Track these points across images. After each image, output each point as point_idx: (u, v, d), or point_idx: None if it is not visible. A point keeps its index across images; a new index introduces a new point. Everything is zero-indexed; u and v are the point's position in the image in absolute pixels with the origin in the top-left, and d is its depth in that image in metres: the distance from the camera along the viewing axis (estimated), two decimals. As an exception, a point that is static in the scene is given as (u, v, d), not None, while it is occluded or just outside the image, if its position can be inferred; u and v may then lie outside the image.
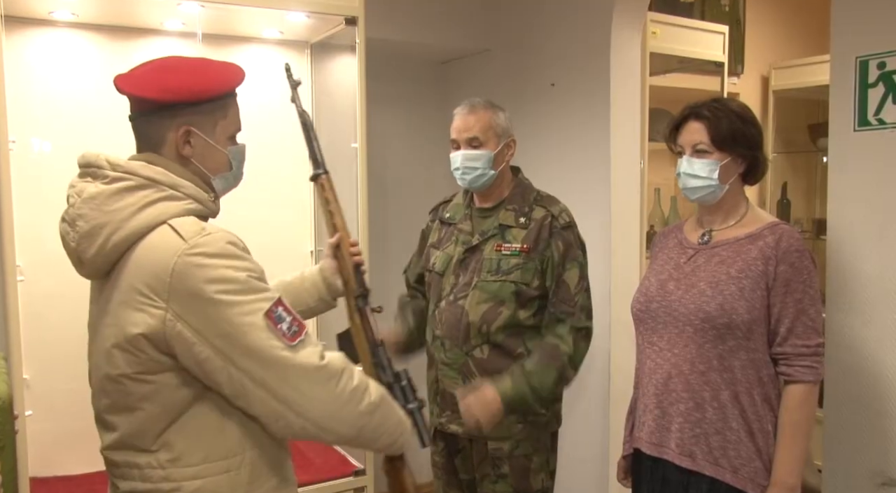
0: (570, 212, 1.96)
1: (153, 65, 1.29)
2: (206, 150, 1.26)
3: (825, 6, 1.96)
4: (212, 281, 1.11)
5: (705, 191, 1.64)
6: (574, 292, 1.89)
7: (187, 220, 1.17)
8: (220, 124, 1.27)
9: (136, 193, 1.17)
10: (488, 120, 1.92)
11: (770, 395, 1.60)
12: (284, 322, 1.15)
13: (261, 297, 1.14)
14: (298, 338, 1.16)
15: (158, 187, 1.18)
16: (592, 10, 2.68)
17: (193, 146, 1.24)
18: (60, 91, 2.24)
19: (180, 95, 1.22)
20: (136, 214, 1.15)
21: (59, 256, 2.26)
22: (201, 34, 2.26)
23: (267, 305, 1.14)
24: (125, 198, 1.16)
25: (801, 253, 1.57)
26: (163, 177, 1.19)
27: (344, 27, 2.29)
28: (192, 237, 1.13)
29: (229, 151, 1.29)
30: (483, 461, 1.94)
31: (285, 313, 1.16)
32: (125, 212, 1.15)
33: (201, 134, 1.24)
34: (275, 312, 1.14)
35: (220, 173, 1.29)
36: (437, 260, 2.01)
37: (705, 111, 1.63)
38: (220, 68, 1.30)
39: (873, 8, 1.81)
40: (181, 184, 1.21)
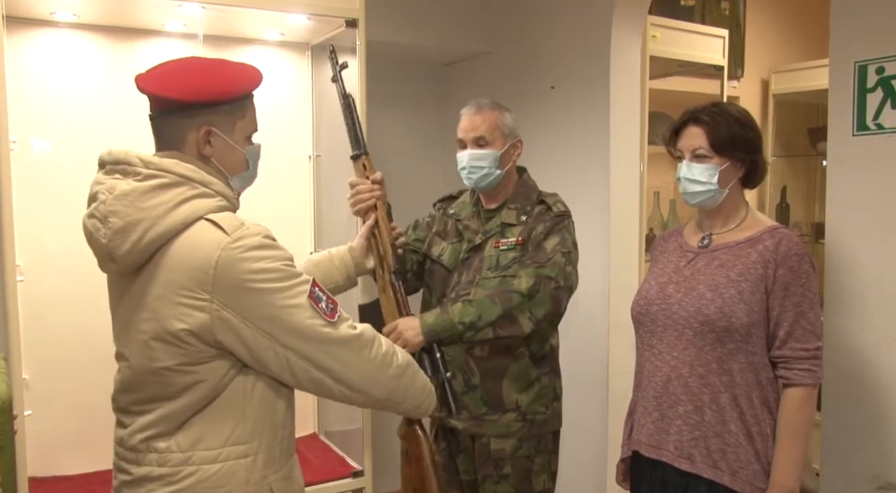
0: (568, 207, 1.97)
1: (174, 65, 1.31)
2: (225, 149, 1.29)
3: (825, 11, 1.97)
4: (254, 272, 1.17)
5: (705, 195, 1.65)
6: (550, 253, 1.83)
7: (225, 215, 1.22)
8: (238, 125, 1.31)
9: (171, 191, 1.20)
10: (495, 120, 1.93)
11: (769, 398, 1.60)
12: (322, 301, 1.24)
13: (299, 281, 1.23)
14: (336, 314, 1.25)
15: (192, 185, 1.22)
16: (593, 13, 2.68)
17: (213, 146, 1.28)
18: (61, 92, 2.24)
19: (202, 96, 1.26)
20: (173, 211, 1.19)
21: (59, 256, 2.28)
22: (202, 36, 2.26)
23: (306, 287, 1.22)
24: (160, 195, 1.19)
25: (800, 257, 1.58)
26: (195, 174, 1.23)
27: (345, 29, 2.29)
28: (234, 231, 1.19)
29: (247, 150, 1.33)
30: (485, 462, 1.94)
31: (321, 292, 1.25)
32: (161, 209, 1.18)
33: (221, 134, 1.28)
34: (314, 293, 1.23)
35: (237, 173, 1.33)
36: (446, 253, 2.01)
37: (704, 116, 1.63)
38: (239, 70, 1.33)
39: (872, 13, 1.81)
40: (211, 181, 1.25)
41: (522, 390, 1.92)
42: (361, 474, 2.34)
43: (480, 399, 1.92)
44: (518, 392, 1.91)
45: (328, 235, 2.59)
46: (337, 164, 2.49)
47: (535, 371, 1.93)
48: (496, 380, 1.91)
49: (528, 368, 1.92)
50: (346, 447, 2.48)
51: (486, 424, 1.92)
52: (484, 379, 1.91)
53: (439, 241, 2.04)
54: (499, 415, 1.92)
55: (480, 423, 1.93)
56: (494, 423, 1.92)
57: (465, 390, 1.92)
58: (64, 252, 2.21)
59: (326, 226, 2.60)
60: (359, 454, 2.36)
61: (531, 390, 1.92)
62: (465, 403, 1.92)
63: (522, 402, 1.92)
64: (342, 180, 2.43)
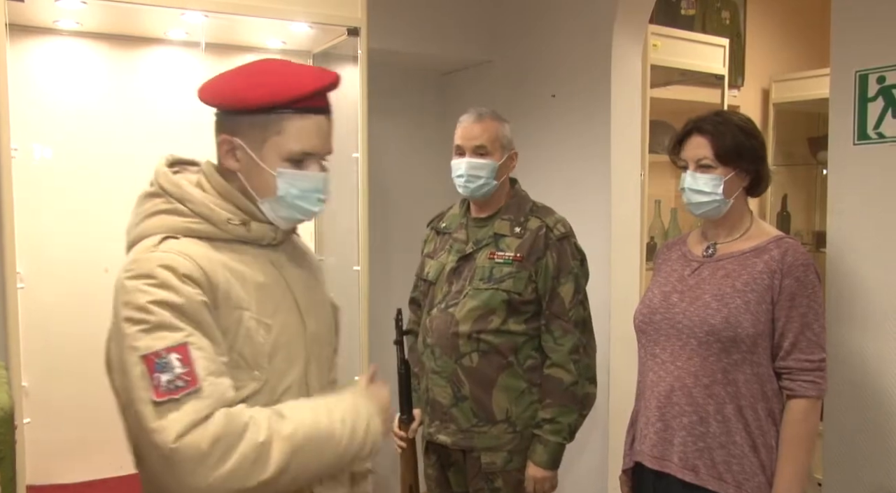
0: (567, 222, 1.96)
1: (244, 66, 1.22)
2: (251, 167, 1.15)
3: (825, 20, 1.97)
4: (124, 303, 1.03)
5: (710, 206, 1.64)
6: (569, 307, 1.89)
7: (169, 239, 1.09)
8: (271, 141, 1.13)
9: (151, 201, 1.15)
10: (495, 130, 1.93)
11: (774, 409, 1.59)
12: (173, 370, 0.98)
13: (158, 336, 1.00)
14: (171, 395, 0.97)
15: (167, 198, 1.13)
16: (593, 22, 2.69)
17: (239, 160, 1.15)
18: (63, 99, 2.25)
19: (219, 101, 1.16)
20: (141, 223, 1.13)
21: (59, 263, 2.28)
22: (204, 44, 2.27)
23: (158, 345, 0.99)
24: (144, 203, 1.15)
25: (806, 267, 1.57)
26: (173, 188, 1.13)
27: (346, 38, 2.30)
28: (139, 254, 1.08)
29: (279, 173, 1.14)
30: (476, 476, 1.93)
31: (179, 362, 0.99)
32: (137, 218, 1.15)
33: (247, 149, 1.14)
34: (160, 358, 0.98)
35: (266, 197, 1.15)
36: (431, 269, 2.01)
37: (708, 125, 1.63)
38: (284, 76, 1.16)
39: (873, 22, 1.82)
40: (192, 199, 1.12)
41: (513, 401, 1.91)
42: (361, 483, 2.32)
43: (470, 410, 1.91)
44: (509, 403, 1.90)
45: (329, 243, 2.59)
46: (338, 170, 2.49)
47: (525, 382, 1.92)
48: (486, 390, 1.90)
49: (518, 378, 1.91)
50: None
51: (476, 436, 1.91)
52: (474, 389, 1.90)
53: (429, 261, 2.05)
54: (489, 427, 1.90)
55: (470, 436, 1.91)
56: (484, 435, 1.91)
57: (455, 401, 1.91)
58: (64, 259, 2.21)
59: (327, 233, 2.60)
60: (359, 462, 2.35)
61: (522, 400, 1.91)
62: (454, 415, 1.92)
63: (513, 413, 1.91)
64: (343, 188, 2.43)
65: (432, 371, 1.94)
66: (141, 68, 2.35)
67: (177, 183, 1.13)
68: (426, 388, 1.98)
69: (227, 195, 1.15)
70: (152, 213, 1.12)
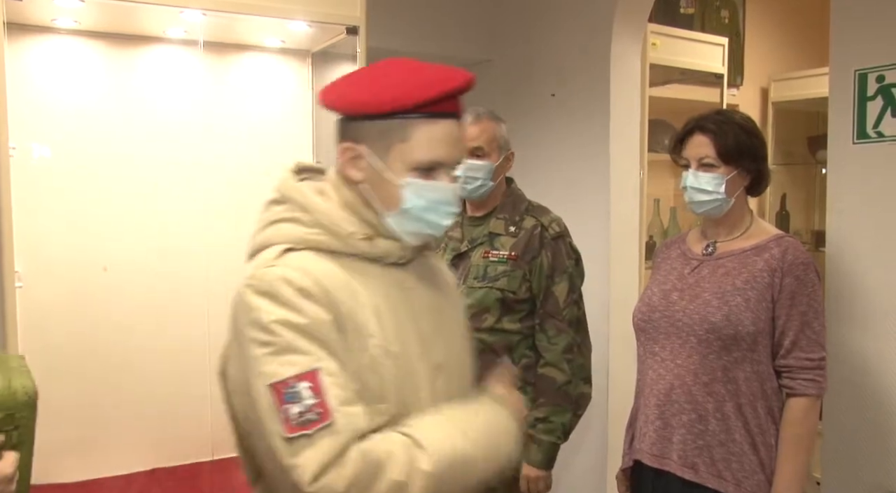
0: (562, 222, 1.96)
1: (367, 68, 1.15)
2: (376, 177, 1.05)
3: (824, 19, 1.97)
4: (249, 324, 0.97)
5: (712, 205, 1.64)
6: (563, 306, 1.89)
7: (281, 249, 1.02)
8: (396, 148, 1.03)
9: (272, 208, 1.08)
10: (493, 131, 1.93)
11: (773, 408, 1.59)
12: (303, 401, 0.92)
13: (286, 361, 0.93)
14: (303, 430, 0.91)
15: (289, 207, 1.06)
16: (593, 21, 2.69)
17: (363, 169, 1.05)
18: (62, 98, 2.24)
19: (340, 105, 1.07)
20: (262, 231, 1.07)
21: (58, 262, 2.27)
22: (203, 42, 2.26)
23: (286, 373, 0.93)
24: (267, 210, 1.09)
25: (806, 266, 1.57)
26: (296, 195, 1.06)
27: (345, 36, 2.29)
28: (255, 268, 1.01)
29: (405, 183, 1.04)
30: None
31: (310, 392, 0.92)
32: (260, 225, 1.08)
33: (370, 156, 1.04)
34: (288, 387, 0.92)
35: (391, 209, 1.05)
36: None
37: (711, 124, 1.63)
38: (411, 78, 1.06)
39: (872, 21, 1.82)
40: (314, 208, 1.04)
41: None
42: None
43: None
44: None
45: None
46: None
47: (519, 381, 1.91)
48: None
49: None
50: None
51: None
52: None
53: None
54: None
55: None
56: None
57: None
58: (63, 258, 2.21)
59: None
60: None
61: None
62: None
63: None
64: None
65: None
66: (139, 67, 2.35)
67: (300, 190, 1.06)
68: None
69: (350, 207, 1.06)
70: (274, 221, 1.06)
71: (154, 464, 2.32)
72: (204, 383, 2.38)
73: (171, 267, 2.34)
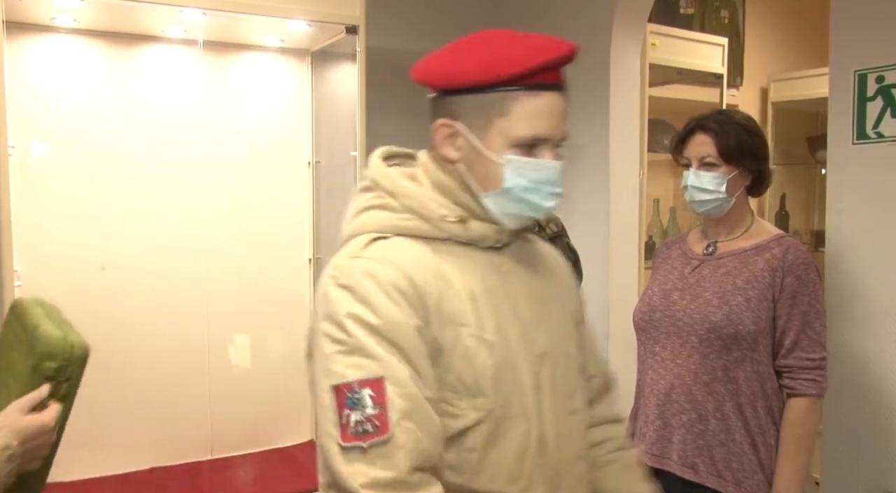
0: (560, 221, 1.96)
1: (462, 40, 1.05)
2: (472, 155, 0.98)
3: (824, 19, 1.97)
4: (322, 315, 0.93)
5: (713, 204, 1.64)
6: None
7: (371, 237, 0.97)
8: (496, 124, 0.96)
9: (363, 195, 1.03)
10: None
11: (773, 408, 1.59)
12: (364, 410, 0.86)
13: (354, 363, 0.88)
14: (358, 441, 0.86)
15: (378, 193, 1.01)
16: (593, 21, 2.69)
17: (459, 148, 0.99)
18: (61, 97, 2.24)
19: (434, 78, 1.01)
20: (353, 219, 1.02)
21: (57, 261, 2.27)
22: (202, 42, 2.26)
23: (352, 376, 0.87)
24: (358, 198, 1.04)
25: (807, 266, 1.58)
26: (385, 181, 1.00)
27: (345, 36, 2.29)
28: (340, 259, 0.96)
29: (506, 161, 0.96)
30: None
31: (371, 401, 0.87)
32: (350, 213, 1.03)
33: (466, 133, 0.98)
34: (352, 391, 0.87)
35: (490, 190, 0.98)
36: None
37: (712, 124, 1.63)
38: (510, 48, 0.98)
39: (872, 22, 1.82)
40: (403, 193, 0.99)
41: None
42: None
43: None
44: None
45: (327, 242, 2.59)
46: (336, 170, 2.49)
47: None
48: None
49: None
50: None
51: None
52: None
53: None
54: None
55: None
56: None
57: None
58: (62, 257, 2.21)
59: (325, 232, 2.59)
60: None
61: None
62: None
63: None
64: (341, 186, 2.43)
65: None
66: (139, 66, 2.35)
67: (388, 175, 1.00)
68: None
69: (442, 189, 0.99)
70: (363, 208, 1.01)
71: (153, 463, 2.32)
72: (203, 382, 2.38)
73: (170, 266, 2.34)
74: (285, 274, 2.58)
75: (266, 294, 2.51)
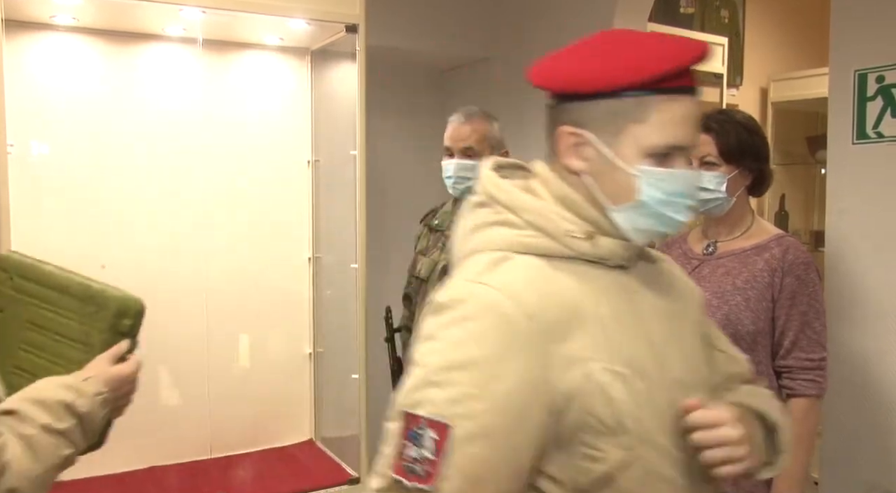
0: None
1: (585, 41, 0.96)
2: (601, 165, 0.90)
3: (824, 19, 1.97)
4: (425, 337, 0.86)
5: (713, 203, 1.64)
6: None
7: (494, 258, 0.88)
8: (628, 131, 0.88)
9: (478, 211, 0.95)
10: (484, 130, 1.92)
11: (772, 408, 1.59)
12: (421, 449, 0.79)
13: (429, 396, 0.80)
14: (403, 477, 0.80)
15: (496, 208, 0.93)
16: (592, 20, 2.69)
17: (587, 158, 0.91)
18: (60, 95, 2.24)
19: (560, 83, 0.93)
20: (469, 236, 0.94)
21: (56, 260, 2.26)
22: (202, 40, 2.26)
23: (423, 410, 0.80)
24: (474, 213, 0.96)
25: (807, 266, 1.57)
26: (502, 195, 0.93)
27: (344, 34, 2.29)
28: (458, 277, 0.89)
29: (638, 171, 0.89)
30: None
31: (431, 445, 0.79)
32: (465, 230, 0.96)
33: (597, 142, 0.89)
34: (418, 425, 0.80)
35: (620, 202, 0.90)
36: (423, 266, 2.01)
37: (713, 123, 1.63)
38: (643, 49, 0.91)
39: (872, 22, 1.82)
40: (524, 207, 0.91)
41: None
42: (357, 481, 2.32)
43: None
44: None
45: (327, 240, 2.59)
46: (335, 168, 2.49)
47: None
48: None
49: None
50: (342, 454, 2.46)
51: None
52: None
53: (421, 258, 2.05)
54: None
55: None
56: None
57: None
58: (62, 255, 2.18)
59: (325, 231, 2.59)
60: (355, 460, 2.35)
61: None
62: None
63: None
64: (341, 185, 2.43)
65: None
66: (138, 64, 2.34)
67: (506, 189, 0.93)
68: None
69: (566, 202, 0.92)
70: (483, 225, 0.93)
71: (152, 462, 2.32)
72: (202, 381, 2.38)
73: (169, 265, 2.34)
74: (285, 273, 2.58)
75: (265, 293, 2.51)
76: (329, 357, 2.60)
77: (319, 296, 2.61)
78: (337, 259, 2.49)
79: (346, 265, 2.35)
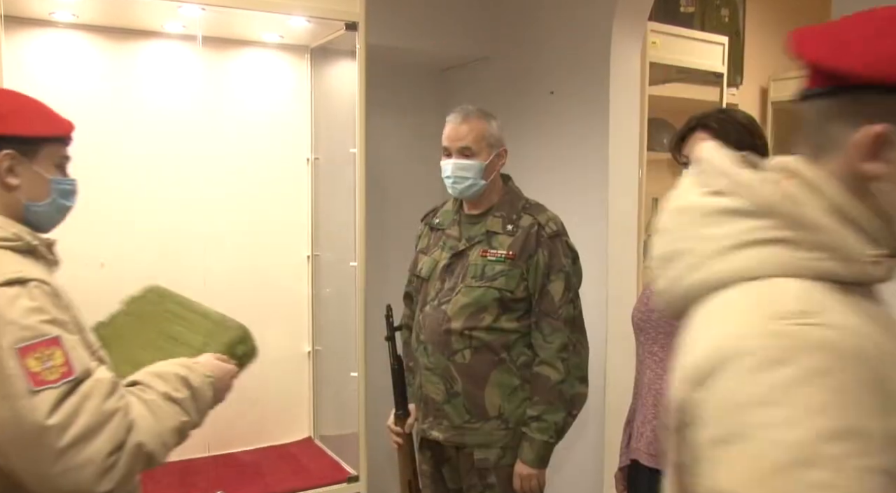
0: (559, 220, 1.96)
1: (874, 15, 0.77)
2: None
3: (824, 19, 1.97)
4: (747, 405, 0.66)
5: None
6: (558, 304, 1.89)
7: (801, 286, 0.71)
8: None
9: (740, 222, 0.76)
10: (481, 130, 1.92)
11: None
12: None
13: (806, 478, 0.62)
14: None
15: (776, 221, 0.74)
16: (593, 19, 2.68)
17: (890, 161, 0.73)
18: (59, 92, 2.23)
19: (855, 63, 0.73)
20: (727, 254, 0.76)
21: (54, 257, 2.25)
22: (201, 37, 2.25)
23: None
24: (723, 224, 0.77)
25: None
26: (788, 207, 0.75)
27: (344, 32, 2.29)
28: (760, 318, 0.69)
29: None
30: (470, 472, 1.94)
31: None
32: (714, 244, 0.77)
33: None
34: None
35: None
36: (424, 265, 2.01)
37: (713, 122, 1.63)
38: None
39: (873, 21, 1.81)
40: (818, 226, 0.73)
41: (505, 398, 1.91)
42: (356, 479, 2.32)
43: (462, 407, 1.91)
44: (501, 399, 1.90)
45: (326, 238, 2.59)
46: (335, 167, 2.49)
47: (517, 379, 1.92)
48: (479, 387, 1.90)
49: (511, 375, 1.91)
50: (341, 452, 2.46)
51: (469, 433, 1.91)
52: (466, 386, 1.90)
53: (422, 257, 2.05)
54: (481, 423, 1.91)
55: (462, 432, 1.92)
56: (477, 431, 1.91)
57: (447, 398, 1.91)
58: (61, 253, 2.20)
59: (324, 228, 2.59)
60: (354, 458, 2.35)
61: (515, 397, 1.91)
62: (447, 411, 1.92)
63: (506, 409, 1.90)
64: (340, 183, 2.43)
65: (425, 368, 1.95)
66: (138, 62, 2.34)
67: (789, 196, 0.75)
68: (420, 384, 1.98)
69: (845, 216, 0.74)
70: (748, 242, 0.75)
71: (150, 460, 2.32)
72: (201, 379, 2.38)
73: (169, 263, 2.33)
74: (284, 271, 2.58)
75: (264, 291, 2.51)
76: (328, 355, 2.60)
77: (319, 294, 2.61)
78: (336, 257, 2.49)
79: (346, 263, 2.35)
